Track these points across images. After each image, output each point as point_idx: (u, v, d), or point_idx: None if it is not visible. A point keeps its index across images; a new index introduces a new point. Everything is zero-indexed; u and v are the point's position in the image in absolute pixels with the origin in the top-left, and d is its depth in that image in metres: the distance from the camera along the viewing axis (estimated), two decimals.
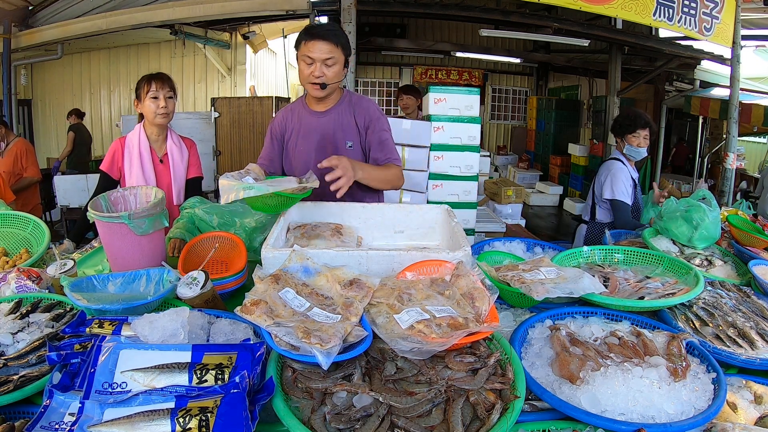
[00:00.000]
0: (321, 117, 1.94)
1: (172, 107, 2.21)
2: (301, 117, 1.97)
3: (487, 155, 5.22)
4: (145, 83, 2.15)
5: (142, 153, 2.21)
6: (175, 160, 2.27)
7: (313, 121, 1.95)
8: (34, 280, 1.42)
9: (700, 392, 1.02)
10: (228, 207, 1.81)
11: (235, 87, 8.13)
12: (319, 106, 1.95)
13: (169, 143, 2.27)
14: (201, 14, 5.17)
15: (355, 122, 1.94)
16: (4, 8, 5.23)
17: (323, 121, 1.94)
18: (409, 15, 7.52)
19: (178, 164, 2.27)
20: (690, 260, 1.79)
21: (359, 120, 1.94)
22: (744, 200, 2.68)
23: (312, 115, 1.95)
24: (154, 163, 2.23)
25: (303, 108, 1.98)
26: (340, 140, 1.94)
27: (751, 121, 5.56)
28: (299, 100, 2.02)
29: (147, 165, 2.21)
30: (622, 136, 2.74)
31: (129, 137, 2.23)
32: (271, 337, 0.98)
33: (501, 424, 0.86)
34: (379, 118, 1.95)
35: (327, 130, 1.93)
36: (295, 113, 1.99)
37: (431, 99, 3.71)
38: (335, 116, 1.94)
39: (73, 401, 0.86)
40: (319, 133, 1.94)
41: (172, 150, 2.26)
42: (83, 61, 7.76)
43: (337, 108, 1.95)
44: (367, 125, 1.94)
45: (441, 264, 1.27)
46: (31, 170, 3.85)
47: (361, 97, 2.01)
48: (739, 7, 4.79)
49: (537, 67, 10.61)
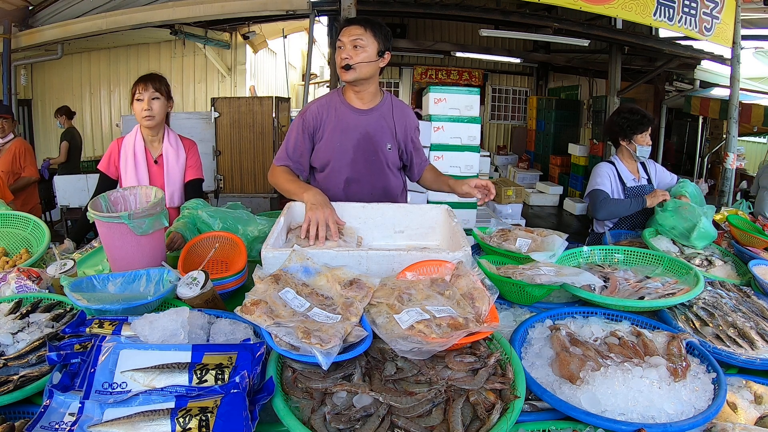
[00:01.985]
0: (362, 115, 1.91)
1: (158, 108, 2.15)
2: (339, 111, 1.91)
3: (487, 155, 5.22)
4: (134, 85, 2.15)
5: (136, 153, 2.20)
6: (169, 161, 2.22)
7: (354, 118, 1.91)
8: (34, 280, 1.42)
9: (700, 392, 1.02)
10: (232, 213, 1.81)
11: (235, 87, 8.13)
12: (360, 103, 1.91)
13: (165, 144, 2.23)
14: (201, 14, 5.16)
15: (395, 126, 1.94)
16: (4, 8, 5.23)
17: (365, 119, 1.91)
18: (409, 15, 7.52)
19: (172, 166, 2.22)
20: (690, 260, 1.80)
21: (400, 125, 1.94)
22: (744, 200, 2.68)
23: (353, 111, 1.91)
24: (148, 163, 2.21)
25: (341, 103, 1.92)
26: (380, 141, 1.92)
27: (751, 121, 5.56)
28: (335, 93, 1.96)
29: (141, 166, 2.19)
30: (630, 139, 2.45)
31: (126, 138, 2.23)
32: (271, 337, 0.98)
33: (501, 424, 0.86)
34: (417, 127, 2.04)
35: (368, 130, 1.91)
36: (332, 107, 1.92)
37: (431, 99, 3.71)
38: (378, 116, 1.92)
39: (73, 401, 0.86)
40: (360, 131, 1.90)
41: (168, 151, 2.22)
42: (83, 61, 7.75)
43: (379, 108, 1.92)
44: (407, 132, 1.97)
45: (441, 264, 1.28)
46: (30, 170, 3.84)
47: (403, 103, 2.03)
48: (739, 7, 4.79)
49: (537, 67, 10.61)
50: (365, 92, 1.89)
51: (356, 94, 1.90)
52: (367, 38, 1.75)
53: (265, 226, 1.78)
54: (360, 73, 1.78)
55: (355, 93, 1.90)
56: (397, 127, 1.94)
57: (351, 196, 1.92)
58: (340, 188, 1.96)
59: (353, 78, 1.79)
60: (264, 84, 9.55)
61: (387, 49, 1.81)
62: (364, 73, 1.79)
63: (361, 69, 1.77)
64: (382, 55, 1.80)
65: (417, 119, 2.04)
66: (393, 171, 2.00)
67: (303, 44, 10.19)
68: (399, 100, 2.01)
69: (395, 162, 1.99)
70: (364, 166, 1.94)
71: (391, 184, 2.02)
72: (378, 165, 1.95)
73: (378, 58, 1.80)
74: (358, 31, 1.75)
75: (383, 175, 1.98)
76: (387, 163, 1.96)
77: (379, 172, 1.96)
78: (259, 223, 1.81)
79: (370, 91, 1.90)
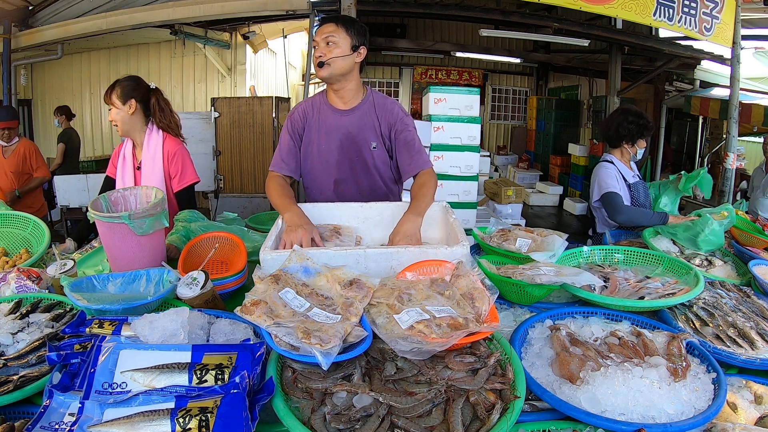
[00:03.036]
0: (344, 115, 1.90)
1: (116, 116, 2.07)
2: (321, 113, 1.91)
3: (487, 155, 5.22)
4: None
5: (125, 158, 2.17)
6: (146, 169, 2.13)
7: (336, 119, 1.90)
8: (34, 280, 1.42)
9: (700, 392, 1.02)
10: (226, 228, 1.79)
11: (235, 87, 8.12)
12: (341, 104, 1.90)
13: (144, 150, 2.13)
14: (201, 14, 5.16)
15: (379, 123, 1.90)
16: (4, 8, 5.23)
17: (346, 120, 1.89)
18: (409, 15, 7.52)
19: (148, 174, 2.12)
20: (690, 260, 1.80)
21: (383, 121, 1.90)
22: (744, 200, 2.68)
23: (334, 112, 1.90)
24: (134, 168, 2.17)
25: (324, 104, 1.92)
26: (363, 141, 1.90)
27: (751, 121, 5.56)
28: (319, 95, 1.96)
29: (128, 170, 2.16)
30: (634, 142, 2.50)
31: (125, 141, 2.21)
32: (271, 338, 0.98)
33: (501, 424, 0.86)
34: (403, 119, 1.90)
35: (350, 130, 1.89)
36: (315, 108, 1.92)
37: (431, 99, 3.71)
38: (359, 116, 1.89)
39: (73, 401, 0.86)
40: (342, 132, 1.89)
41: (146, 158, 2.13)
42: (83, 61, 7.75)
43: (361, 107, 1.90)
44: (392, 126, 1.90)
45: (441, 264, 1.28)
46: (42, 170, 3.85)
47: (385, 98, 1.97)
48: (739, 7, 4.79)
49: (537, 67, 10.61)
50: (344, 90, 1.87)
51: (336, 93, 1.88)
52: (339, 34, 1.76)
53: (258, 243, 1.74)
54: (334, 69, 1.78)
55: (334, 92, 1.88)
56: (381, 124, 1.90)
57: (341, 197, 1.92)
58: (330, 189, 1.95)
59: (328, 74, 1.79)
60: (264, 84, 9.54)
61: (362, 44, 1.80)
62: (339, 68, 1.78)
63: (335, 64, 1.77)
64: (357, 50, 1.79)
65: (403, 111, 1.93)
66: (380, 170, 1.95)
67: (303, 44, 10.18)
68: (382, 96, 1.96)
69: (384, 160, 1.94)
70: (349, 167, 1.92)
71: (378, 184, 1.97)
72: (363, 165, 1.93)
73: (352, 53, 1.78)
74: (330, 28, 1.76)
75: (369, 176, 1.95)
76: (374, 162, 1.93)
77: (364, 173, 1.94)
78: (252, 240, 1.81)
79: (350, 89, 1.87)
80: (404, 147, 1.89)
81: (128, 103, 2.07)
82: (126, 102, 2.07)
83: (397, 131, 1.89)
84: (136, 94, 2.09)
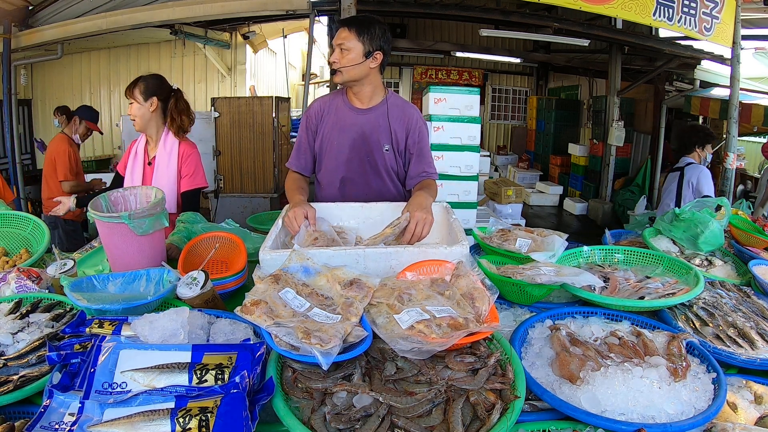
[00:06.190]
0: (360, 114, 1.90)
1: (136, 112, 2.10)
2: (339, 110, 1.92)
3: (487, 155, 5.22)
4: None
5: (137, 152, 2.22)
6: (160, 165, 2.16)
7: (352, 117, 1.90)
8: (34, 280, 1.42)
9: (700, 392, 1.02)
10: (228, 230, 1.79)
11: (235, 87, 8.13)
12: (359, 103, 1.91)
13: (160, 147, 2.16)
14: (201, 14, 5.16)
15: (395, 127, 1.90)
16: (4, 8, 5.23)
17: (362, 119, 1.90)
18: (409, 15, 7.51)
19: (162, 170, 2.15)
20: (690, 260, 1.80)
21: (400, 125, 1.90)
22: (744, 200, 2.68)
23: (351, 110, 1.91)
24: (144, 164, 2.20)
25: (343, 102, 1.93)
26: (376, 142, 1.90)
27: (751, 121, 5.55)
28: (339, 92, 1.97)
29: (137, 166, 2.20)
30: (703, 146, 3.34)
31: (139, 137, 2.25)
32: (271, 338, 0.98)
33: (501, 424, 0.86)
34: (421, 128, 1.93)
35: (365, 130, 1.90)
36: (333, 105, 1.94)
37: (431, 99, 3.71)
38: (375, 116, 1.90)
39: (73, 401, 0.86)
40: (356, 131, 1.90)
41: (160, 155, 2.16)
42: (83, 61, 7.75)
43: (378, 108, 1.90)
44: (408, 133, 1.91)
45: (441, 264, 1.28)
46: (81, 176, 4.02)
47: (406, 102, 1.98)
48: (739, 7, 4.78)
49: (537, 67, 10.61)
50: (361, 93, 1.89)
51: (354, 95, 1.91)
52: (352, 41, 1.76)
53: (258, 243, 1.72)
54: (346, 76, 1.80)
55: (353, 93, 1.91)
56: (395, 127, 1.90)
57: (346, 196, 1.93)
58: (336, 187, 1.96)
59: (341, 80, 1.83)
60: (264, 84, 9.55)
61: (377, 49, 1.80)
62: (352, 75, 1.80)
63: (348, 72, 1.79)
64: (370, 56, 1.79)
65: (421, 119, 1.94)
66: (390, 175, 1.96)
67: (303, 44, 10.19)
68: (401, 99, 1.97)
69: (393, 166, 1.95)
70: (358, 166, 1.93)
71: (387, 187, 1.97)
72: (373, 166, 1.93)
73: (365, 59, 1.78)
74: (344, 34, 1.77)
75: (379, 178, 1.95)
76: (385, 165, 1.93)
77: (374, 174, 1.95)
78: (253, 240, 1.81)
79: (367, 91, 1.89)
80: (417, 156, 1.93)
81: (150, 101, 2.11)
82: (148, 99, 2.11)
83: (412, 138, 1.92)
84: (159, 93, 2.14)
